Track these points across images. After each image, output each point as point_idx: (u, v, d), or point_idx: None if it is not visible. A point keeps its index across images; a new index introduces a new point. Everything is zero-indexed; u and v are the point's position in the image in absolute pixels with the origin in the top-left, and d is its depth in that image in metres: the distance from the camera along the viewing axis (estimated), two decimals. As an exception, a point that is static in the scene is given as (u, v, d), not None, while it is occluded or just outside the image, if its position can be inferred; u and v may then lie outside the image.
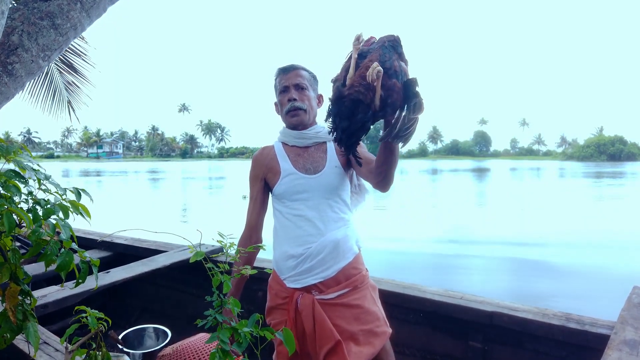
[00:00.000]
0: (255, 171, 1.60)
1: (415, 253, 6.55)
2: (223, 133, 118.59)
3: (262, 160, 1.59)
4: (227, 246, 1.02)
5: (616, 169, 47.76)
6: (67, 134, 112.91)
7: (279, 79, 1.55)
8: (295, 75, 1.52)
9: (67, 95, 4.99)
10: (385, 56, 1.06)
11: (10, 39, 1.29)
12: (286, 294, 1.49)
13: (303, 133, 1.53)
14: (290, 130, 1.55)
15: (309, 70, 1.57)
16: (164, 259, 2.63)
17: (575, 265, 5.98)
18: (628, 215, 10.79)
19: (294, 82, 1.51)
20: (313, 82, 1.57)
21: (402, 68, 1.08)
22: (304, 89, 1.52)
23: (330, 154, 1.54)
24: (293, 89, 1.51)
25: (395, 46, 1.10)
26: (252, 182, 1.61)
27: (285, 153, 1.55)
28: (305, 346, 1.45)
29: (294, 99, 1.50)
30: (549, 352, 1.73)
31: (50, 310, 1.94)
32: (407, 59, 1.13)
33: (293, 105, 1.50)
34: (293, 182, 1.49)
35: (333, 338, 1.38)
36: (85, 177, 32.73)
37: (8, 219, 0.86)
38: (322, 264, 1.44)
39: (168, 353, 1.62)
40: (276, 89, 1.57)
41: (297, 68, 1.54)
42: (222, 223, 10.14)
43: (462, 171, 43.82)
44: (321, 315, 1.41)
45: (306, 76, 1.54)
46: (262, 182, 1.58)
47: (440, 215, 10.71)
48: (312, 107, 1.55)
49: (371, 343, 1.44)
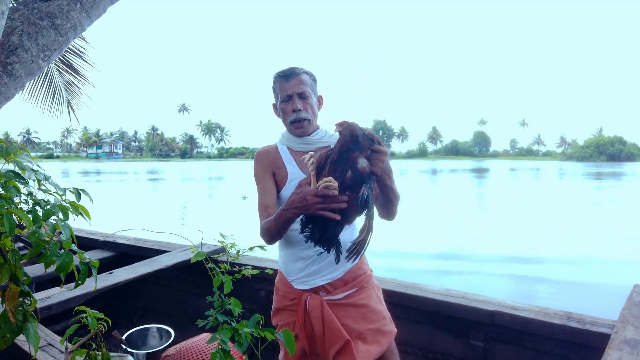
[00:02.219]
0: (262, 164, 1.54)
1: (405, 270, 6.41)
2: (223, 133, 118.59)
3: (268, 157, 1.54)
4: (228, 246, 1.02)
5: (616, 169, 47.75)
6: (66, 134, 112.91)
7: (280, 85, 1.50)
8: (298, 82, 1.48)
9: (66, 95, 4.98)
10: (337, 172, 1.15)
11: (10, 39, 1.29)
12: (294, 295, 1.50)
13: (307, 139, 1.52)
14: (294, 136, 1.53)
15: (309, 72, 1.54)
16: (167, 259, 2.63)
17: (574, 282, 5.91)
18: (628, 221, 10.74)
19: (297, 91, 1.47)
20: (314, 85, 1.54)
21: (356, 174, 1.14)
22: (307, 97, 1.49)
23: None
24: (297, 98, 1.47)
25: (352, 146, 1.14)
26: (260, 175, 1.53)
27: (291, 156, 1.53)
28: (314, 346, 1.47)
29: (299, 110, 1.47)
30: (550, 351, 1.73)
31: (54, 311, 1.94)
32: (371, 143, 1.16)
33: (298, 117, 1.47)
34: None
35: (342, 338, 1.41)
36: (84, 177, 32.71)
37: (8, 220, 0.86)
38: (330, 265, 1.46)
39: (172, 353, 1.62)
40: (276, 95, 1.53)
41: (298, 74, 1.49)
42: (223, 223, 10.14)
43: (461, 171, 43.80)
44: (330, 316, 1.43)
45: (308, 82, 1.50)
46: (272, 175, 1.52)
47: (435, 224, 10.66)
48: (315, 114, 1.52)
49: (378, 342, 1.47)
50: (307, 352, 1.47)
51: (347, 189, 1.14)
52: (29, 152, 1.02)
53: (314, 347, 1.46)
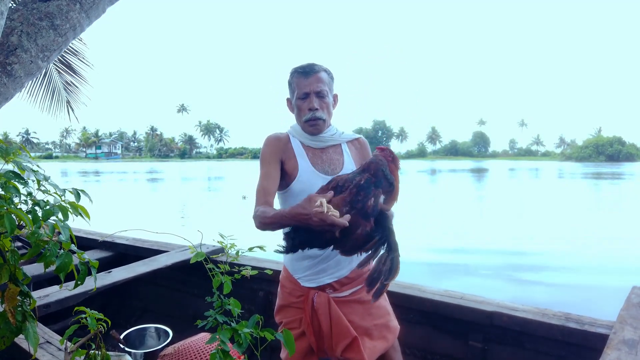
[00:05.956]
0: (272, 149, 1.50)
1: (404, 270, 6.38)
2: (222, 134, 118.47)
3: (279, 144, 1.51)
4: (227, 247, 1.02)
5: (614, 169, 47.80)
6: (65, 134, 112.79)
7: (297, 82, 1.46)
8: (317, 80, 1.44)
9: (65, 95, 4.98)
10: (360, 195, 1.19)
11: (10, 40, 1.29)
12: (301, 293, 1.51)
13: (319, 137, 1.51)
14: (306, 133, 1.52)
15: (327, 70, 1.50)
16: (165, 259, 2.63)
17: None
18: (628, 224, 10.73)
19: (315, 90, 1.44)
20: (331, 84, 1.50)
21: (374, 205, 1.20)
22: (324, 96, 1.46)
23: (346, 157, 1.54)
24: (314, 97, 1.44)
25: (377, 177, 1.23)
26: (267, 159, 1.48)
27: (303, 150, 1.51)
28: (321, 343, 1.48)
29: (316, 109, 1.44)
30: (549, 352, 1.73)
31: (52, 310, 1.94)
32: (394, 173, 1.27)
33: (314, 115, 1.45)
34: (311, 181, 1.46)
35: (350, 335, 1.42)
36: (83, 177, 32.68)
37: (9, 220, 0.86)
38: (337, 264, 1.48)
39: (170, 353, 1.62)
40: (292, 90, 1.50)
41: (317, 71, 1.45)
42: (222, 223, 10.13)
43: (460, 171, 43.82)
44: (337, 313, 1.45)
45: (326, 80, 1.47)
46: (279, 163, 1.48)
47: (435, 224, 10.65)
48: (330, 113, 1.51)
49: (385, 337, 1.49)
50: (314, 349, 1.48)
51: (364, 216, 1.18)
52: (29, 152, 1.02)
53: (321, 343, 1.48)
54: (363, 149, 1.62)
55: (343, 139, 1.56)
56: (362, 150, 1.61)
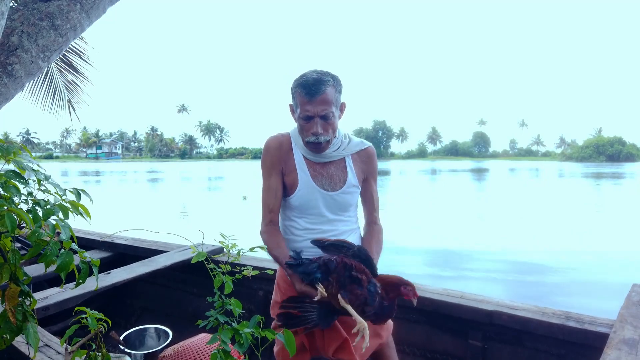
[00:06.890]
0: (272, 159, 1.49)
1: (404, 270, 6.34)
2: (222, 134, 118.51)
3: (280, 152, 1.50)
4: (228, 247, 1.03)
5: (615, 169, 47.76)
6: (66, 134, 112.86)
7: (301, 100, 1.38)
8: (322, 102, 1.35)
9: (67, 94, 4.98)
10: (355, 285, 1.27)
11: (10, 40, 1.29)
12: (294, 294, 1.50)
13: (322, 154, 1.48)
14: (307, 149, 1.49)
15: (334, 81, 1.39)
16: (165, 259, 2.63)
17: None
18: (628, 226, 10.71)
19: (320, 113, 1.37)
20: (338, 98, 1.42)
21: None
22: (329, 118, 1.38)
23: (349, 173, 1.51)
24: (319, 120, 1.38)
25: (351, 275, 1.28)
26: (268, 169, 1.49)
27: (304, 162, 1.49)
28: (313, 341, 1.48)
29: (319, 134, 1.39)
30: (549, 351, 1.73)
31: (51, 312, 1.93)
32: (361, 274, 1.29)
33: (317, 140, 1.40)
34: (309, 196, 1.46)
35: (340, 336, 1.42)
36: (84, 177, 32.68)
37: (10, 220, 0.86)
38: None
39: (169, 354, 1.62)
40: (295, 104, 1.43)
41: (323, 92, 1.35)
42: (222, 223, 10.13)
43: (460, 171, 43.80)
44: None
45: (332, 99, 1.37)
46: (280, 174, 1.49)
47: (435, 224, 10.62)
48: (335, 130, 1.44)
49: (378, 334, 1.49)
50: (307, 347, 1.48)
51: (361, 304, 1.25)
52: (29, 152, 1.02)
53: (313, 342, 1.48)
54: (369, 161, 1.58)
55: (348, 152, 1.52)
56: (368, 163, 1.57)
